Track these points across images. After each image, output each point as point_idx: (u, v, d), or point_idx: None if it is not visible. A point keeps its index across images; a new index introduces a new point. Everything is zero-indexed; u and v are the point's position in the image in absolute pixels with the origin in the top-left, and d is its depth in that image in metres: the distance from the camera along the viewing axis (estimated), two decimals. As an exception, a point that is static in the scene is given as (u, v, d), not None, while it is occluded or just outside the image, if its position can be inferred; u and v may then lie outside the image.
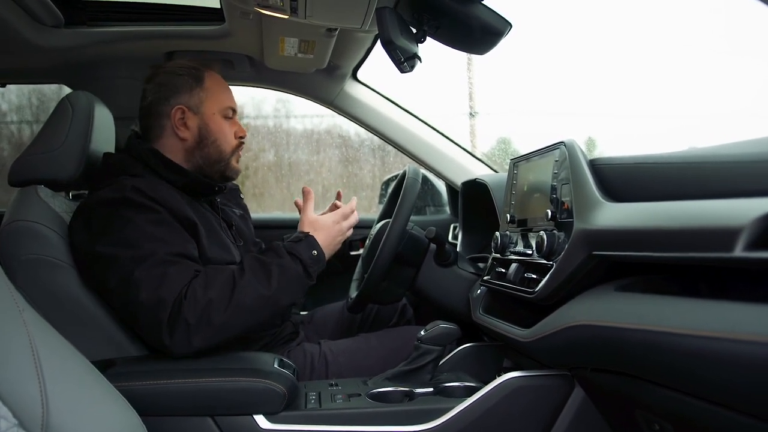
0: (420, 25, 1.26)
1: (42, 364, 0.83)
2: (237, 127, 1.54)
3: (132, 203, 1.30)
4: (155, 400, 1.13)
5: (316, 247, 1.37)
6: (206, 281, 1.24)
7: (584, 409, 1.13)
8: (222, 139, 1.51)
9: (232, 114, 1.54)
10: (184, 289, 1.21)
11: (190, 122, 1.49)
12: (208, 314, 1.19)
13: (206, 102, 1.49)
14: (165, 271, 1.22)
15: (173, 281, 1.22)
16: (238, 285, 1.24)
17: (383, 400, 1.23)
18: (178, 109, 1.48)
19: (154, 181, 1.39)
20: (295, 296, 1.33)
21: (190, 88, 1.49)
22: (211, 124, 1.50)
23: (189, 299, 1.20)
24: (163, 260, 1.24)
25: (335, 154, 4.12)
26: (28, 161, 1.43)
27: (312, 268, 1.34)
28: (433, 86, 4.57)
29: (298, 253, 1.34)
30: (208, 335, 1.20)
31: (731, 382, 0.68)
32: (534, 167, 1.27)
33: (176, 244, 1.29)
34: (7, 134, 3.61)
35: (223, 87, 1.54)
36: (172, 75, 1.51)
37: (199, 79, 1.50)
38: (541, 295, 1.09)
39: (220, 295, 1.22)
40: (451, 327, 1.30)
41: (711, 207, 0.73)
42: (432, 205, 2.51)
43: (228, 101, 1.53)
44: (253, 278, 1.26)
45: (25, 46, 1.75)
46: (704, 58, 5.00)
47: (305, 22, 1.47)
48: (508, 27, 1.24)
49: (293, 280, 1.31)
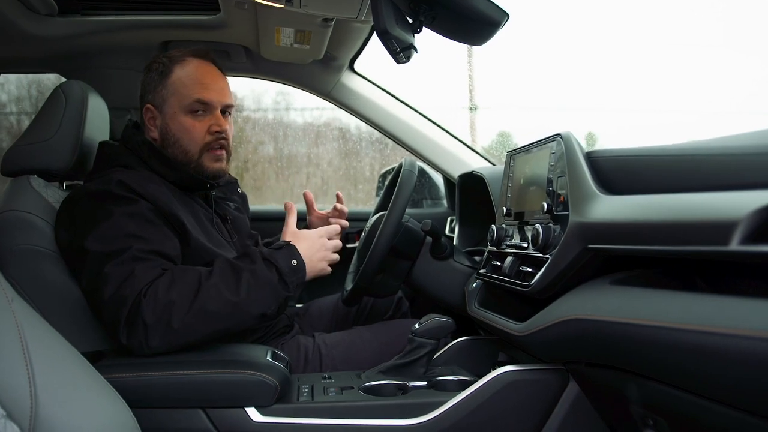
0: (416, 15, 1.25)
1: (31, 356, 0.83)
2: (213, 121, 1.43)
3: (115, 197, 1.27)
4: (146, 391, 1.12)
5: (296, 257, 1.28)
6: (171, 280, 1.18)
7: (579, 404, 1.12)
8: (185, 139, 1.42)
9: (202, 108, 1.42)
10: (146, 288, 1.16)
11: (157, 121, 1.45)
12: (168, 316, 1.14)
13: (168, 99, 1.43)
14: (133, 268, 1.18)
15: (138, 279, 1.17)
16: (203, 288, 1.18)
17: (376, 393, 1.22)
18: (147, 109, 1.45)
19: (145, 174, 1.37)
20: (267, 306, 1.22)
21: (155, 86, 1.45)
22: (171, 124, 1.43)
23: (149, 298, 1.15)
24: (135, 257, 1.20)
25: (334, 147, 4.11)
26: (21, 151, 1.42)
27: (289, 278, 1.25)
28: (433, 80, 4.55)
29: (275, 261, 1.25)
30: (167, 338, 1.15)
31: (726, 377, 0.68)
32: (530, 160, 1.26)
33: (153, 241, 1.25)
34: (7, 125, 3.60)
35: (191, 79, 1.43)
36: (147, 70, 1.47)
37: (164, 74, 1.44)
38: (536, 289, 1.08)
39: (183, 296, 1.16)
40: (446, 320, 1.29)
41: (707, 200, 0.72)
42: (429, 198, 2.50)
43: (196, 93, 1.42)
44: (220, 282, 1.19)
45: (19, 35, 1.74)
46: (706, 52, 4.98)
47: (300, 11, 1.46)
48: (506, 17, 1.22)
49: (265, 289, 1.22)
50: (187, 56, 1.45)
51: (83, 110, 1.46)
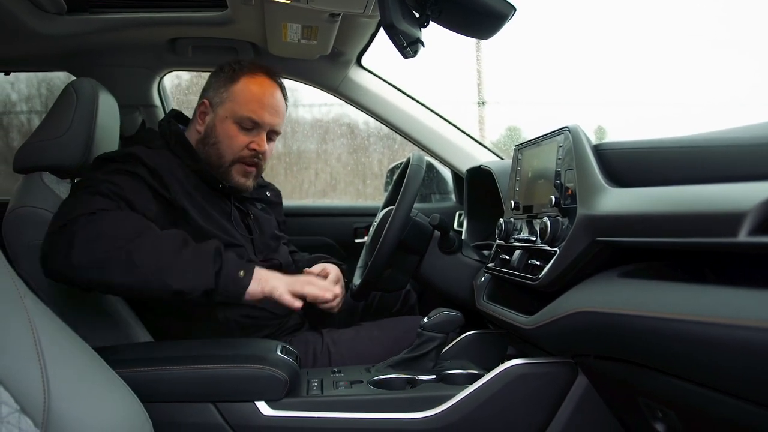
0: (423, 9, 1.25)
1: (43, 350, 0.84)
2: (256, 140, 1.51)
3: (115, 161, 1.37)
4: (157, 386, 1.13)
5: (249, 272, 1.25)
6: (121, 217, 1.23)
7: (588, 397, 1.12)
8: (225, 144, 1.50)
9: (251, 125, 1.50)
10: (98, 211, 1.21)
11: (207, 117, 1.53)
12: (96, 244, 1.16)
13: (225, 103, 1.51)
14: (92, 198, 1.25)
15: (90, 204, 1.23)
16: (143, 236, 1.19)
17: (386, 387, 1.22)
18: (203, 103, 1.53)
19: (161, 153, 1.43)
20: (188, 286, 1.19)
21: (219, 86, 1.53)
22: (218, 126, 1.51)
23: (91, 220, 1.18)
24: (101, 192, 1.26)
25: (343, 143, 4.11)
26: (33, 148, 1.43)
27: (224, 280, 1.21)
28: (442, 74, 4.54)
29: (225, 258, 1.23)
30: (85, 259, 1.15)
31: (735, 368, 0.68)
32: (538, 153, 1.26)
33: (126, 190, 1.30)
34: (17, 124, 3.63)
35: (253, 95, 1.50)
36: (219, 69, 1.56)
37: (232, 79, 1.52)
38: (544, 282, 1.08)
39: (120, 233, 1.18)
40: (455, 314, 1.29)
41: (715, 192, 0.72)
42: (437, 193, 2.50)
43: (250, 112, 1.49)
44: (158, 241, 1.20)
45: (29, 34, 1.76)
46: (715, 45, 4.93)
47: (307, 7, 1.46)
48: (512, 10, 1.22)
49: (196, 272, 1.20)
50: (259, 71, 1.53)
51: (94, 107, 1.48)
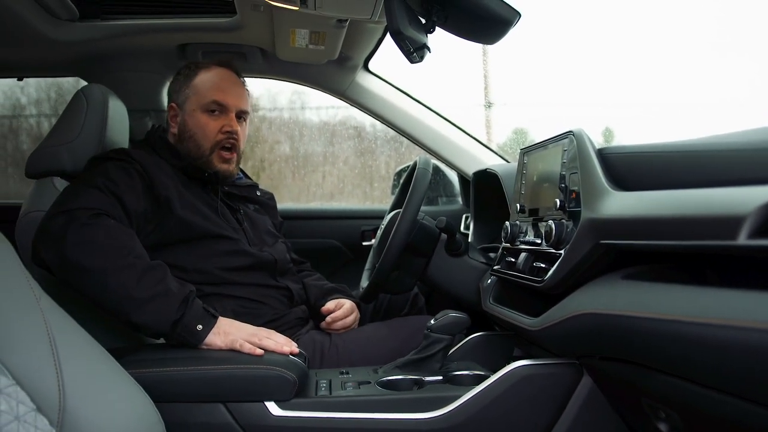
0: (429, 15, 1.26)
1: (59, 351, 0.86)
2: (226, 122, 1.57)
3: (111, 158, 1.42)
4: (169, 386, 1.15)
5: (208, 326, 1.23)
6: (117, 232, 1.26)
7: (592, 398, 1.13)
8: (199, 134, 1.57)
9: (217, 108, 1.57)
10: (96, 211, 1.26)
11: (177, 118, 1.61)
12: (90, 248, 1.21)
13: (190, 98, 1.58)
14: (89, 192, 1.31)
15: (86, 199, 1.28)
16: (129, 261, 1.22)
17: (393, 387, 1.24)
18: (171, 107, 1.62)
19: (151, 156, 1.50)
20: (144, 323, 1.22)
21: (180, 87, 1.61)
22: (189, 120, 1.58)
23: (90, 224, 1.23)
24: (97, 186, 1.32)
25: (350, 146, 4.13)
26: (45, 153, 1.46)
27: (181, 329, 1.21)
28: (449, 78, 4.57)
29: (190, 308, 1.23)
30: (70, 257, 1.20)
31: (737, 369, 0.69)
32: (543, 157, 1.27)
33: (119, 185, 1.35)
34: (27, 127, 3.67)
35: (212, 83, 1.58)
36: (177, 74, 1.65)
37: (189, 77, 1.61)
38: (549, 284, 1.10)
39: (110, 250, 1.22)
40: (461, 316, 1.31)
41: (715, 195, 0.73)
42: (444, 196, 2.51)
43: (214, 95, 1.57)
44: (136, 276, 1.21)
45: (41, 40, 1.78)
46: (722, 46, 4.93)
47: (315, 13, 1.47)
48: (518, 16, 1.23)
49: (156, 314, 1.21)
50: (212, 64, 1.63)
51: (104, 113, 1.51)
